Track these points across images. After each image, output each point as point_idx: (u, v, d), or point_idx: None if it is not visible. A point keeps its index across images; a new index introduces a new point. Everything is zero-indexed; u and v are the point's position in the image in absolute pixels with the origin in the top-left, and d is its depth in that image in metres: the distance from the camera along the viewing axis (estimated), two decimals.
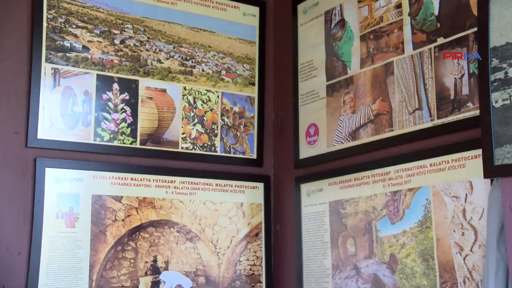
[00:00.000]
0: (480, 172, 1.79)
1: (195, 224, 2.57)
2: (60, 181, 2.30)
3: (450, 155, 2.02)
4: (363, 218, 2.32)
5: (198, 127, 2.64)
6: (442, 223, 2.02)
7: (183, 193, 2.55)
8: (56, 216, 2.28)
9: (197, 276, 2.55)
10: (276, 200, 2.76)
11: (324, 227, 2.48)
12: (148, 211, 2.47)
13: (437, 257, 2.03)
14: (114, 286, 2.35)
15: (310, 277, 2.52)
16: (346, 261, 2.37)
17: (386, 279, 2.20)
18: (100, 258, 2.34)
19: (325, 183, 2.50)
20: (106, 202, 2.39)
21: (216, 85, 2.71)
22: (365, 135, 2.35)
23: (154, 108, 2.54)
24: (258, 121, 2.78)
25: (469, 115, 1.95)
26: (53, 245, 2.25)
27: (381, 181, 2.26)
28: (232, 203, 2.67)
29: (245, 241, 2.67)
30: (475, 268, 1.91)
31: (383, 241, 2.23)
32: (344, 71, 2.48)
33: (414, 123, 2.15)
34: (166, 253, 2.49)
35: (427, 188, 2.09)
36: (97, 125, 2.41)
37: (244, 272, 2.65)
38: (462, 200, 1.97)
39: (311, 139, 2.59)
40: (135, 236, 2.43)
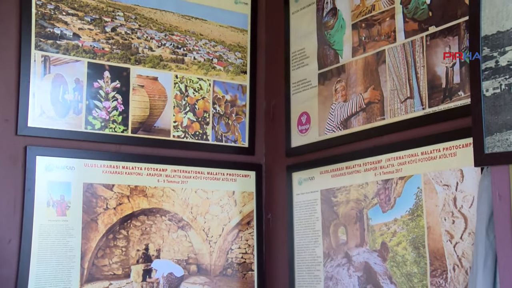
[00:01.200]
0: (471, 160, 1.79)
1: (187, 213, 2.57)
2: (51, 169, 2.30)
3: (441, 144, 2.02)
4: (355, 207, 2.33)
5: (190, 116, 2.63)
6: (433, 211, 2.03)
7: (174, 181, 2.55)
8: (47, 205, 2.27)
9: (188, 264, 2.55)
10: (267, 189, 2.77)
11: (316, 215, 2.49)
12: (140, 200, 2.47)
13: (427, 245, 2.04)
14: (106, 274, 2.35)
15: (301, 265, 2.52)
16: (338, 249, 2.38)
17: (377, 267, 2.21)
18: (92, 246, 2.34)
19: (316, 172, 2.50)
20: (98, 191, 2.38)
21: (208, 73, 2.70)
22: (356, 124, 2.35)
23: (145, 96, 2.53)
24: (249, 110, 2.78)
25: (460, 103, 1.95)
26: (44, 233, 2.24)
27: (372, 169, 2.27)
28: (224, 192, 2.67)
29: (237, 230, 2.67)
30: (464, 256, 1.92)
31: (374, 229, 2.23)
32: (336, 60, 2.47)
33: (406, 112, 2.15)
34: (158, 241, 2.49)
35: (418, 176, 2.10)
36: (88, 113, 2.40)
37: (236, 260, 2.66)
38: (453, 188, 1.98)
39: (302, 127, 2.59)
40: (127, 224, 2.43)
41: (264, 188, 2.77)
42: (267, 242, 2.73)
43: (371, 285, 2.22)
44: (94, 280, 2.33)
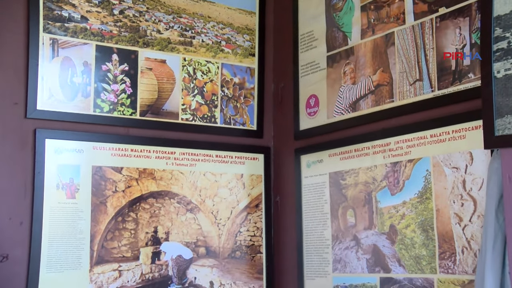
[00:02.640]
0: (481, 143, 1.79)
1: (195, 195, 2.58)
2: (60, 152, 2.30)
3: (451, 126, 2.02)
4: (363, 189, 2.32)
5: (198, 98, 2.63)
6: (442, 194, 2.03)
7: (183, 164, 2.56)
8: (57, 187, 2.28)
9: (197, 247, 2.57)
10: (276, 171, 2.77)
11: (324, 198, 2.49)
12: (148, 182, 2.48)
13: (436, 228, 2.04)
14: (115, 256, 2.37)
15: (310, 247, 2.53)
16: (346, 232, 2.38)
17: (386, 249, 2.21)
18: (101, 229, 2.35)
19: (325, 154, 2.50)
20: (106, 173, 2.39)
21: (216, 56, 2.69)
22: (365, 106, 2.34)
23: (153, 79, 2.53)
24: (258, 92, 2.77)
25: (470, 86, 1.94)
26: (54, 216, 2.26)
27: (381, 152, 2.26)
28: (232, 174, 2.67)
29: (245, 212, 2.68)
30: (473, 238, 1.92)
31: (383, 212, 2.23)
32: (345, 42, 2.46)
33: (415, 94, 2.14)
34: (167, 224, 2.50)
35: (427, 159, 2.10)
36: (97, 96, 2.40)
37: (244, 242, 2.66)
38: (462, 171, 1.97)
39: (311, 110, 2.59)
40: (136, 207, 2.44)
41: (273, 171, 2.77)
42: (275, 224, 2.73)
43: (379, 267, 2.22)
44: (104, 262, 2.34)
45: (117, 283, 2.36)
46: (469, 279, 1.92)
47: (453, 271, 1.97)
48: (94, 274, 2.31)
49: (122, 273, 2.38)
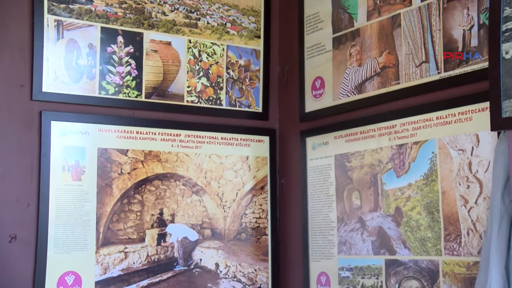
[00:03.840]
0: (487, 125, 1.78)
1: (201, 178, 2.58)
2: (65, 134, 2.31)
3: (457, 108, 2.01)
4: (369, 171, 2.32)
5: (203, 80, 2.62)
6: (448, 176, 2.03)
7: (188, 146, 2.56)
8: (63, 169, 2.29)
9: (203, 229, 2.57)
10: (281, 154, 2.77)
11: (330, 180, 2.49)
12: (154, 164, 2.48)
13: (442, 210, 2.04)
14: (121, 238, 2.38)
15: (315, 229, 2.54)
16: (351, 214, 2.39)
17: (391, 231, 2.21)
18: (107, 211, 2.36)
19: (330, 137, 2.50)
20: (112, 155, 2.39)
21: (221, 38, 2.68)
22: (371, 88, 2.33)
23: (159, 61, 2.52)
24: (263, 74, 2.76)
25: (477, 67, 1.93)
26: (61, 198, 2.26)
27: (387, 134, 2.26)
28: (238, 157, 2.67)
29: (251, 194, 2.69)
30: (479, 220, 1.92)
31: (389, 194, 2.23)
32: (351, 24, 2.44)
33: (421, 76, 2.13)
34: (172, 206, 2.51)
35: (433, 141, 2.09)
36: (102, 78, 2.40)
37: (250, 224, 2.67)
38: (468, 153, 1.97)
39: (316, 92, 2.58)
40: (141, 189, 2.45)
41: (278, 153, 2.77)
42: (281, 207, 2.74)
43: (384, 249, 2.23)
44: (110, 244, 2.35)
45: (123, 264, 2.37)
46: (474, 260, 1.92)
47: (458, 253, 1.97)
48: (100, 255, 2.32)
49: (128, 254, 2.39)
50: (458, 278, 1.97)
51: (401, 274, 2.16)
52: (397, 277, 2.17)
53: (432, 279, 2.05)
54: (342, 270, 2.40)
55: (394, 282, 2.18)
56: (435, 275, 2.04)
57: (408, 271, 2.13)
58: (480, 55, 1.93)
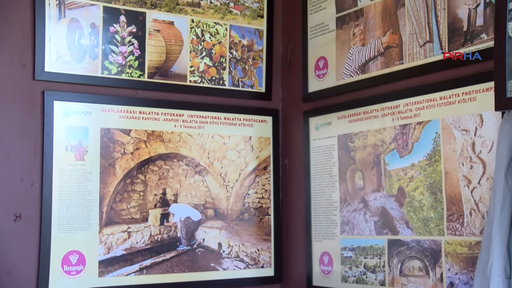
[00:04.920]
0: (491, 105, 1.77)
1: (204, 158, 2.58)
2: (68, 114, 2.30)
3: (461, 88, 2.00)
4: (372, 152, 2.32)
5: (206, 60, 2.61)
6: (451, 156, 2.03)
7: (191, 126, 2.56)
8: (66, 149, 2.29)
9: (206, 209, 2.58)
10: (284, 134, 2.76)
11: (333, 160, 2.49)
12: (157, 145, 2.48)
13: (445, 190, 2.04)
14: (124, 218, 2.39)
15: (318, 210, 2.54)
16: (354, 194, 2.39)
17: (394, 212, 2.22)
18: (110, 190, 2.36)
19: (333, 117, 2.49)
20: (115, 135, 2.39)
21: (224, 18, 2.66)
22: (374, 68, 2.32)
23: (161, 41, 2.51)
24: (266, 55, 2.75)
25: (482, 47, 1.92)
26: (64, 178, 2.27)
27: (390, 114, 2.25)
28: (241, 137, 2.67)
29: (254, 175, 2.69)
30: (481, 200, 1.92)
31: (392, 175, 2.24)
32: (354, 3, 2.43)
33: (425, 56, 2.12)
34: (175, 186, 2.51)
35: (436, 121, 2.09)
36: (105, 58, 2.39)
37: (253, 205, 2.68)
38: (471, 133, 1.96)
39: (320, 72, 2.57)
40: (144, 169, 2.45)
41: (281, 133, 2.77)
42: (283, 187, 2.74)
43: (387, 229, 2.23)
44: (113, 224, 2.36)
45: (126, 244, 2.38)
46: (476, 240, 1.92)
47: (461, 233, 1.98)
48: (103, 235, 2.33)
49: (131, 234, 2.40)
50: (460, 258, 1.98)
51: (403, 254, 2.17)
52: (399, 257, 2.18)
53: (435, 259, 2.05)
54: (344, 250, 2.41)
55: (397, 262, 2.19)
56: (438, 255, 2.04)
57: (411, 251, 2.14)
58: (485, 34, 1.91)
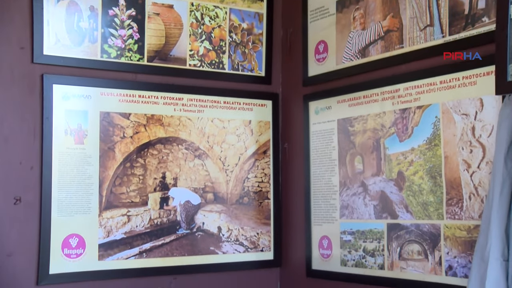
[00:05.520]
0: (492, 89, 1.76)
1: (203, 142, 2.58)
2: (67, 98, 2.30)
3: (461, 72, 2.00)
4: (372, 136, 2.32)
5: (206, 44, 2.60)
6: (451, 140, 2.03)
7: (191, 110, 2.55)
8: (65, 133, 2.29)
9: (205, 193, 2.58)
10: (284, 118, 2.76)
11: (332, 144, 2.49)
12: (156, 128, 2.48)
13: (444, 175, 2.04)
14: (123, 201, 2.39)
15: (317, 194, 2.54)
16: (354, 178, 2.39)
17: (393, 196, 2.22)
18: (109, 174, 2.36)
19: (333, 101, 2.49)
20: (114, 119, 2.39)
21: (224, 1, 2.65)
22: (375, 52, 2.31)
23: (161, 24, 2.50)
24: (266, 38, 2.74)
25: (484, 30, 1.91)
26: (63, 161, 2.27)
27: (390, 98, 2.25)
28: (240, 121, 2.67)
29: (253, 159, 2.69)
30: (481, 185, 1.92)
31: (391, 159, 2.23)
32: None
33: (425, 40, 2.11)
34: (175, 170, 2.51)
35: (436, 105, 2.08)
36: (104, 42, 2.38)
37: (252, 189, 2.68)
38: (471, 117, 1.96)
39: (320, 56, 2.56)
40: (144, 153, 2.45)
41: (281, 117, 2.76)
42: (283, 171, 2.74)
43: (387, 213, 2.24)
44: (113, 208, 2.36)
45: (126, 227, 2.39)
46: (475, 224, 1.93)
47: (460, 217, 1.98)
48: (103, 218, 2.34)
49: (131, 218, 2.40)
50: (458, 241, 1.98)
51: (402, 238, 2.17)
52: (398, 241, 2.18)
53: (434, 242, 2.06)
54: (344, 234, 2.41)
55: (396, 246, 2.19)
56: (437, 239, 2.05)
57: (410, 235, 2.14)
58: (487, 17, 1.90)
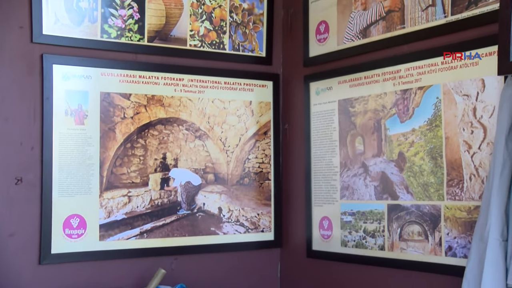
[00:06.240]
0: (494, 70, 1.76)
1: (204, 122, 2.57)
2: (68, 78, 2.29)
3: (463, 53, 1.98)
4: (372, 117, 2.32)
5: (206, 24, 2.59)
6: (452, 121, 2.02)
7: (191, 91, 2.54)
8: (65, 113, 2.28)
9: (206, 173, 2.58)
10: (285, 99, 2.75)
11: (333, 125, 2.49)
12: (157, 109, 2.47)
13: (445, 155, 2.04)
14: (124, 182, 2.39)
15: (318, 174, 2.54)
16: (354, 159, 2.39)
17: (394, 177, 2.22)
18: (110, 155, 2.36)
19: (334, 82, 2.48)
20: (115, 100, 2.38)
21: None
22: (376, 33, 2.30)
23: (161, 4, 2.48)
24: (267, 18, 2.72)
25: (487, 9, 1.90)
26: (64, 142, 2.27)
27: (391, 79, 2.24)
28: (241, 102, 2.66)
29: (254, 139, 2.68)
30: (481, 166, 1.92)
31: (392, 140, 2.23)
32: None
33: (427, 20, 2.10)
34: (175, 151, 2.51)
35: (437, 86, 2.08)
36: (104, 22, 2.37)
37: (253, 169, 2.68)
38: (473, 98, 1.95)
39: (321, 36, 2.55)
40: (144, 133, 2.44)
41: (281, 98, 2.76)
42: (284, 152, 2.74)
43: (387, 194, 2.24)
44: (113, 188, 2.37)
45: (126, 208, 2.39)
46: (475, 205, 1.93)
47: (460, 197, 1.98)
48: (104, 199, 2.34)
49: (132, 198, 2.41)
50: (459, 222, 1.99)
51: (403, 219, 2.18)
52: (399, 221, 2.19)
53: (434, 223, 2.06)
54: (344, 215, 2.42)
55: (396, 226, 2.20)
56: (437, 220, 2.05)
57: (410, 216, 2.15)
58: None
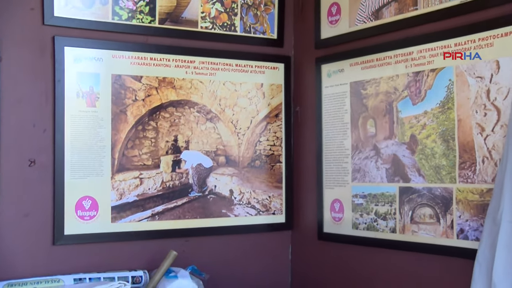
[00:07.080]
0: (509, 50, 1.74)
1: (215, 105, 2.57)
2: (79, 60, 2.29)
3: (477, 34, 1.97)
4: (384, 99, 2.30)
5: (218, 6, 2.57)
6: (465, 103, 2.01)
7: (202, 73, 2.54)
8: (77, 96, 2.28)
9: (217, 156, 2.59)
10: (296, 81, 2.74)
11: (345, 108, 2.48)
12: (168, 91, 2.47)
13: (457, 138, 2.03)
14: (136, 164, 2.40)
15: (329, 157, 2.54)
16: (366, 141, 2.38)
17: (406, 159, 2.21)
18: (121, 137, 2.37)
19: (346, 64, 2.47)
20: (126, 82, 2.38)
21: None
22: (388, 14, 2.28)
23: None
24: (278, 0, 2.71)
25: None
26: (76, 124, 2.27)
27: (403, 61, 2.23)
28: (252, 84, 2.65)
29: (265, 122, 2.68)
30: (495, 148, 1.91)
31: (404, 122, 2.22)
32: None
33: (440, 2, 2.08)
34: (187, 133, 2.51)
35: (450, 68, 2.06)
36: (115, 4, 2.36)
37: (264, 152, 2.68)
38: (486, 80, 1.94)
39: (332, 18, 2.53)
40: (156, 116, 2.45)
41: (293, 80, 2.75)
42: (295, 134, 2.74)
43: (399, 177, 2.24)
44: (125, 170, 2.37)
45: (138, 190, 2.40)
46: (488, 187, 1.93)
47: (472, 180, 1.98)
48: (116, 181, 2.35)
49: (143, 180, 2.42)
50: (471, 205, 1.98)
51: (414, 202, 2.17)
52: (410, 204, 2.19)
53: (445, 206, 2.06)
54: (355, 197, 2.42)
55: (408, 209, 2.19)
56: (449, 203, 2.05)
57: (422, 199, 2.14)
58: None
